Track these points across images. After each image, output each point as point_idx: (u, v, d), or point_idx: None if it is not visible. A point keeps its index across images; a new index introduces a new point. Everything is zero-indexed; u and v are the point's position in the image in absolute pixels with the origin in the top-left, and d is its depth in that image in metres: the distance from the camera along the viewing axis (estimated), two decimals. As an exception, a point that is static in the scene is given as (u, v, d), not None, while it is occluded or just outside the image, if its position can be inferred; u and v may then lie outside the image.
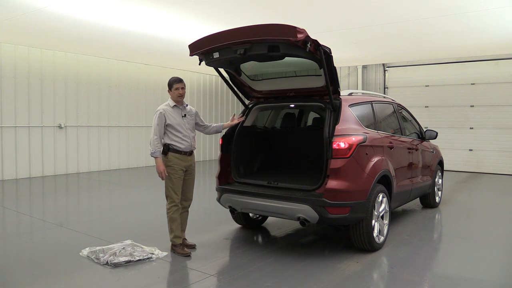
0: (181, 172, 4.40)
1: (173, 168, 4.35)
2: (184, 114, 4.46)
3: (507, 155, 11.17)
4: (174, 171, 4.36)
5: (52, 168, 10.36)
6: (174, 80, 4.47)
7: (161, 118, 4.33)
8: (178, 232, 4.41)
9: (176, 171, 4.36)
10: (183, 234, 4.57)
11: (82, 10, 6.66)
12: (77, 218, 6.28)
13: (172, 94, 4.45)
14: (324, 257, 4.36)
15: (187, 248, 4.47)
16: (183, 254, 4.33)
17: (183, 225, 4.57)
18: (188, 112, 4.54)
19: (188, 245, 4.57)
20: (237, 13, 6.86)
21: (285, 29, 3.68)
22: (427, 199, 6.75)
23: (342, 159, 4.15)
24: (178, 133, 4.38)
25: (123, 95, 11.94)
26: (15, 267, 4.09)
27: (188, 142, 4.44)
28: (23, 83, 9.78)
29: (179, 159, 4.38)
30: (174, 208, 4.40)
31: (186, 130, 4.43)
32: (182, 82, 4.49)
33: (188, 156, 4.46)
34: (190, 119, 4.55)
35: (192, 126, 4.57)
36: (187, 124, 4.47)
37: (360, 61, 12.66)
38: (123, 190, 8.84)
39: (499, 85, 11.18)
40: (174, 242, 4.40)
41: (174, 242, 4.40)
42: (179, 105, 4.47)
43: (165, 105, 4.43)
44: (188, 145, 4.44)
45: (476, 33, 8.27)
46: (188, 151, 4.44)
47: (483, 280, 3.80)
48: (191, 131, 4.53)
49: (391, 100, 6.14)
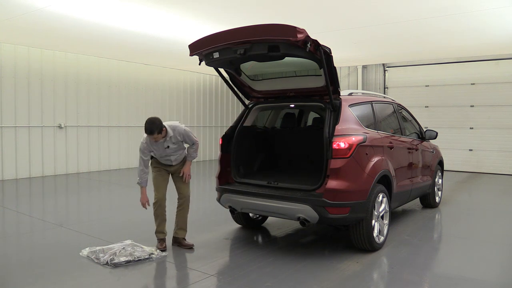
0: (165, 171, 4.56)
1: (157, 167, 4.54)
2: (167, 146, 4.40)
3: (507, 155, 11.17)
4: (158, 169, 4.53)
5: (52, 168, 10.36)
6: (146, 130, 4.20)
7: (143, 148, 4.40)
8: (160, 228, 4.53)
9: (159, 168, 4.53)
10: (180, 233, 4.62)
11: (82, 10, 6.66)
12: (77, 218, 6.28)
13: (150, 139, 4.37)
14: (324, 257, 4.36)
15: (184, 248, 4.54)
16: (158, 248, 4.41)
17: (179, 223, 4.62)
18: (173, 141, 4.39)
19: (185, 245, 4.58)
20: (237, 13, 6.86)
21: (285, 29, 3.68)
22: (427, 199, 6.75)
23: (342, 159, 4.14)
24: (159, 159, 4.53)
25: (123, 95, 11.94)
26: (15, 267, 4.09)
27: (169, 161, 4.51)
28: (23, 83, 9.78)
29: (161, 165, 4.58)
30: (155, 205, 4.52)
31: (168, 156, 4.47)
32: (152, 134, 4.19)
33: (170, 168, 4.57)
34: (175, 147, 4.45)
35: (177, 149, 4.50)
36: (170, 150, 4.43)
37: (360, 61, 12.66)
38: (123, 190, 8.84)
39: (499, 85, 11.18)
40: (156, 236, 4.52)
41: (156, 237, 4.52)
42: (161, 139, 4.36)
43: (147, 137, 4.35)
44: (168, 163, 4.53)
45: (476, 33, 8.27)
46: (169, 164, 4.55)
47: (483, 280, 3.80)
48: (176, 153, 4.50)
49: (391, 100, 6.14)
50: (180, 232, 4.63)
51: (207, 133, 14.59)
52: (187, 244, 4.59)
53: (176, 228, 4.65)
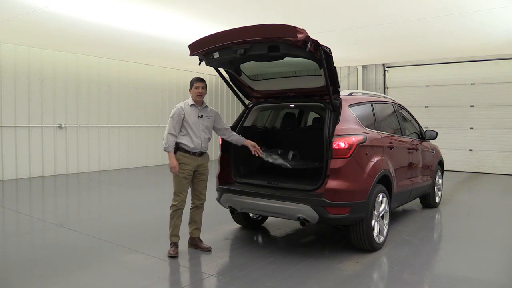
0: (188, 172, 4.36)
1: (181, 167, 4.31)
2: (201, 115, 4.42)
3: (507, 155, 11.17)
4: (182, 171, 4.31)
5: (52, 168, 10.36)
6: (195, 79, 4.45)
7: (178, 113, 4.31)
8: (175, 231, 4.39)
9: (183, 171, 4.32)
10: (195, 233, 4.56)
11: (82, 10, 6.66)
12: (77, 218, 6.27)
13: (192, 93, 4.43)
14: (324, 257, 4.36)
15: (202, 250, 4.48)
16: (169, 254, 4.30)
17: (197, 223, 4.57)
18: (207, 113, 4.49)
19: (203, 247, 4.52)
20: (237, 13, 6.86)
21: (285, 29, 3.68)
22: (427, 199, 6.75)
23: (342, 159, 4.14)
24: (190, 132, 4.34)
25: (123, 95, 11.94)
26: (15, 267, 4.09)
27: (198, 142, 4.37)
28: (23, 83, 9.78)
29: (187, 159, 4.34)
30: (173, 208, 4.39)
31: (198, 131, 4.38)
32: (203, 82, 4.44)
33: (198, 157, 4.40)
34: (207, 121, 4.48)
35: (207, 127, 4.49)
36: (201, 125, 4.41)
37: (360, 61, 12.66)
38: (123, 190, 8.84)
39: (499, 85, 11.18)
40: (170, 240, 4.42)
41: (170, 240, 4.42)
42: (198, 105, 4.44)
43: (184, 103, 4.43)
44: (198, 146, 4.37)
45: (476, 33, 8.27)
46: (197, 151, 4.38)
47: (483, 280, 3.80)
48: (205, 132, 4.45)
49: (391, 100, 6.14)
50: (196, 232, 4.58)
51: (207, 133, 14.57)
52: (205, 247, 4.52)
53: (192, 228, 4.59)
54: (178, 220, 4.41)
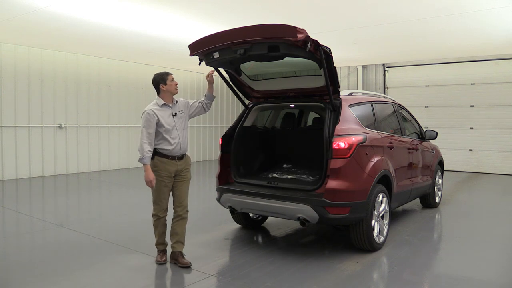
0: (168, 179, 3.99)
1: (160, 174, 3.93)
2: (174, 113, 4.01)
3: (507, 155, 11.17)
4: (161, 178, 3.94)
5: (52, 168, 10.36)
6: (166, 72, 4.02)
7: (149, 119, 3.86)
8: (161, 239, 4.16)
9: (162, 178, 3.95)
10: (177, 247, 4.09)
11: (82, 10, 6.66)
12: (77, 218, 6.27)
13: (167, 87, 3.98)
14: (324, 257, 4.36)
15: (181, 266, 4.00)
16: (157, 261, 4.11)
17: (178, 236, 4.09)
18: (179, 109, 4.08)
19: (182, 263, 4.02)
20: (237, 13, 6.86)
21: (285, 29, 3.68)
22: (427, 199, 6.75)
23: (342, 159, 4.14)
24: (166, 136, 3.93)
25: (123, 95, 11.94)
26: (15, 267, 4.09)
27: (177, 144, 3.98)
28: (23, 83, 9.78)
29: (166, 164, 3.95)
30: (154, 218, 4.11)
31: (175, 131, 3.98)
32: (171, 75, 4.04)
33: (178, 161, 4.02)
34: (182, 117, 4.08)
35: (183, 124, 4.10)
36: (177, 124, 4.02)
37: (360, 61, 12.66)
38: (123, 190, 8.84)
39: (499, 85, 11.18)
40: (157, 248, 4.20)
41: (157, 248, 4.20)
42: (169, 103, 4.02)
43: (153, 105, 3.97)
44: (177, 148, 3.98)
45: (476, 33, 8.27)
46: (176, 155, 4.00)
47: (483, 280, 3.80)
48: (182, 131, 4.06)
49: (391, 100, 6.14)
50: (178, 245, 4.10)
51: (207, 133, 14.60)
52: (185, 262, 4.02)
53: (173, 241, 4.10)
54: (162, 229, 4.14)
